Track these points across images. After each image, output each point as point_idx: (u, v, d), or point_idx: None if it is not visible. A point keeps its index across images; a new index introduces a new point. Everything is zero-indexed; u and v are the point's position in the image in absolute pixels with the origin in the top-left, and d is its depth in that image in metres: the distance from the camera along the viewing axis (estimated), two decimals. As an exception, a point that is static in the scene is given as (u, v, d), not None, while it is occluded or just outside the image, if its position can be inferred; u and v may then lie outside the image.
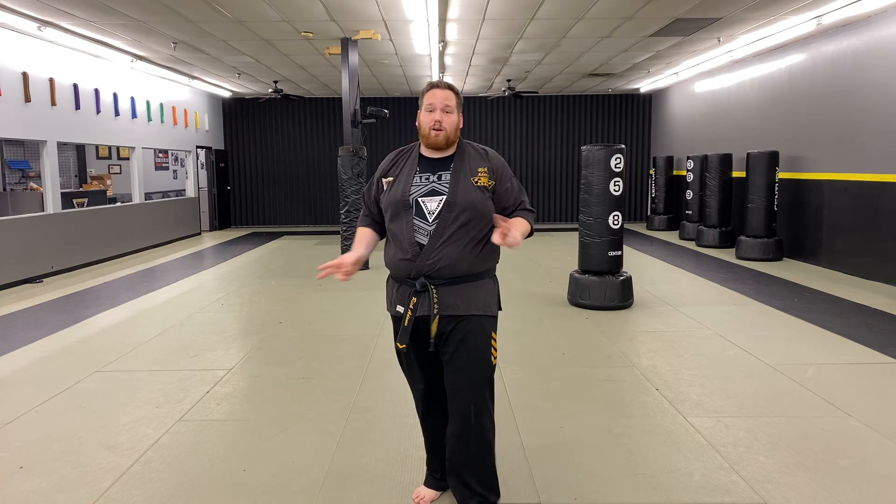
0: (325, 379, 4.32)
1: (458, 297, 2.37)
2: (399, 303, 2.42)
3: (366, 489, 2.83)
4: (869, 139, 7.74)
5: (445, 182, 2.40)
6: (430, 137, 2.40)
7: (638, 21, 8.13)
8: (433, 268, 2.34)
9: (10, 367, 4.68)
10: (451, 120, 2.41)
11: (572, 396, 3.96)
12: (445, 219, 2.35)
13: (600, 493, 2.78)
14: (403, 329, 2.39)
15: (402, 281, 2.43)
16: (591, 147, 6.26)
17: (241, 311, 6.48)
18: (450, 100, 2.41)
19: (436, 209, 2.36)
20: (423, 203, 2.38)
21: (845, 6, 7.22)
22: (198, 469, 3.04)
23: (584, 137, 15.59)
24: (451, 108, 2.41)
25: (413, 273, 2.37)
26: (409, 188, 2.40)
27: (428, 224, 2.36)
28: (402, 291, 2.42)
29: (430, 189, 2.40)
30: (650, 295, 6.87)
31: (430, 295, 2.35)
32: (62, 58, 8.93)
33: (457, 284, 2.37)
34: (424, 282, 2.36)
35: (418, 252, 2.35)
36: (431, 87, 2.44)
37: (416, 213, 2.38)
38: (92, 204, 10.67)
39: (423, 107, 2.43)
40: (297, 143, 15.55)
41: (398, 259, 2.40)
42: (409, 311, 2.38)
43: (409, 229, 2.37)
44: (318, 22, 8.00)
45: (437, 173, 2.42)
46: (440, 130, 2.39)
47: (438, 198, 2.37)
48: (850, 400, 3.81)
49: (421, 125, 2.43)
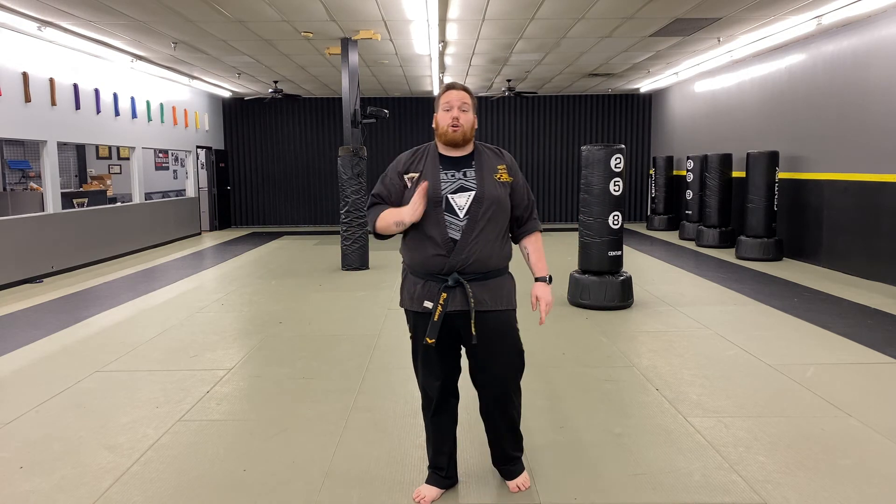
0: (325, 379, 4.32)
1: (486, 293, 2.48)
2: (427, 298, 2.48)
3: (366, 489, 2.83)
4: (869, 139, 7.74)
5: (472, 178, 2.50)
6: (449, 134, 2.49)
7: (638, 21, 8.13)
8: (466, 262, 2.44)
9: (10, 367, 4.68)
10: (467, 118, 2.51)
11: (572, 396, 3.96)
12: (475, 214, 2.45)
13: (600, 493, 2.78)
14: (433, 324, 2.45)
15: (428, 277, 2.49)
16: (591, 147, 6.26)
17: (241, 311, 6.48)
18: (466, 99, 2.52)
19: (465, 205, 2.46)
20: (452, 199, 2.47)
21: (845, 6, 7.22)
22: (198, 469, 3.04)
23: (584, 137, 15.59)
24: (468, 108, 2.51)
25: (446, 269, 2.45)
26: (438, 184, 2.48)
27: (459, 220, 2.45)
28: (428, 287, 2.49)
29: (458, 185, 2.49)
30: (650, 295, 6.87)
31: (465, 290, 2.44)
32: (62, 58, 8.93)
33: (485, 280, 2.49)
34: (458, 277, 2.44)
35: (452, 247, 2.44)
36: (448, 88, 2.55)
37: (447, 210, 2.46)
38: (92, 204, 10.67)
39: (439, 107, 2.53)
40: (297, 143, 15.55)
41: (430, 255, 2.46)
42: (438, 306, 2.44)
43: (443, 225, 2.44)
44: (318, 22, 8.00)
45: (461, 170, 2.52)
46: (458, 127, 2.49)
47: (467, 194, 2.47)
48: (850, 400, 3.81)
49: (438, 124, 2.53)
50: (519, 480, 2.77)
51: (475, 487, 2.82)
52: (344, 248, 8.85)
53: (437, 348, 2.52)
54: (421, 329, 2.53)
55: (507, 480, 2.79)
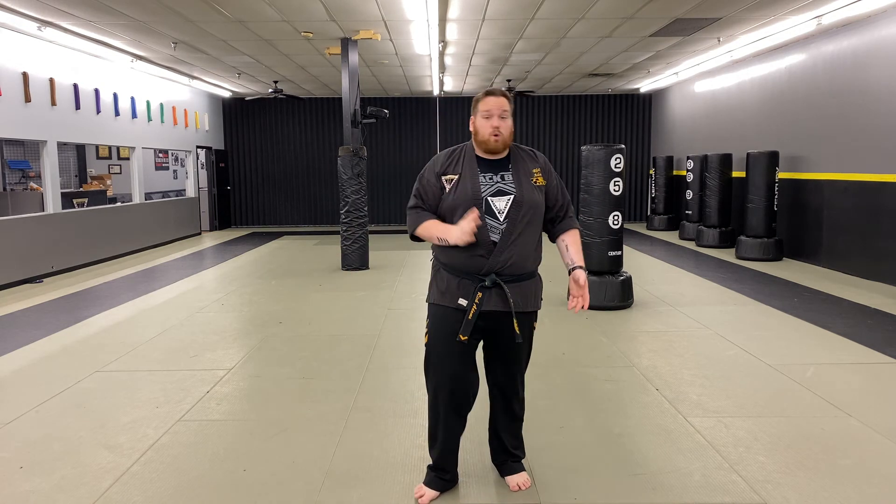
0: (325, 379, 4.32)
1: (520, 294, 2.55)
2: (462, 296, 2.52)
3: (366, 489, 2.83)
4: (869, 139, 7.74)
5: (510, 182, 2.55)
6: (491, 143, 2.53)
7: (638, 21, 8.13)
8: (505, 264, 2.49)
9: (10, 367, 4.68)
10: (507, 125, 2.55)
11: (572, 396, 3.96)
12: (514, 217, 2.50)
13: (600, 493, 2.78)
14: (467, 322, 2.50)
15: (464, 276, 2.53)
16: (591, 147, 6.26)
17: (241, 311, 6.48)
18: (505, 106, 2.55)
19: (504, 208, 2.51)
20: (492, 202, 2.51)
21: (845, 6, 7.22)
22: (198, 469, 3.04)
23: (584, 137, 15.58)
24: (507, 114, 2.55)
25: (485, 269, 2.49)
26: (478, 187, 2.52)
27: (499, 223, 2.50)
28: (464, 285, 2.53)
29: (496, 189, 2.53)
30: (650, 295, 6.87)
31: (503, 291, 2.49)
32: (62, 58, 8.93)
33: (520, 282, 2.55)
34: (496, 279, 2.49)
35: (492, 249, 2.49)
36: (487, 94, 2.57)
37: (486, 212, 2.49)
38: (92, 204, 10.67)
39: (478, 113, 2.56)
40: (297, 143, 15.55)
41: (470, 255, 2.49)
42: (474, 304, 2.50)
43: (483, 228, 2.47)
44: (318, 22, 8.00)
45: (498, 174, 2.56)
46: (499, 136, 2.53)
47: (506, 197, 2.52)
48: (850, 400, 3.81)
49: (478, 131, 2.56)
50: (519, 479, 2.79)
51: (475, 488, 2.82)
52: (344, 248, 8.85)
53: (460, 348, 2.56)
54: (447, 325, 2.56)
55: (507, 476, 2.80)
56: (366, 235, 8.92)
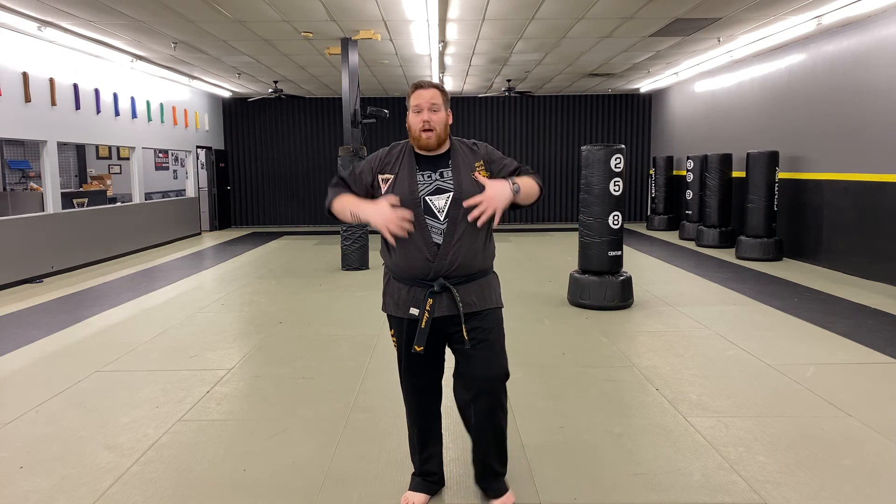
0: (325, 379, 4.32)
1: (474, 294, 2.43)
2: (413, 305, 2.42)
3: (366, 489, 2.83)
4: (869, 139, 7.74)
5: (449, 179, 2.41)
6: (422, 140, 2.42)
7: (638, 21, 8.13)
8: (451, 266, 2.37)
9: (10, 367, 4.68)
10: (439, 118, 2.42)
11: (572, 396, 3.96)
12: (455, 216, 2.37)
13: (600, 493, 2.78)
14: (421, 331, 2.38)
15: (413, 282, 2.42)
16: (591, 147, 6.26)
17: (241, 311, 6.48)
18: (436, 98, 2.42)
19: (444, 206, 2.38)
20: (431, 201, 2.39)
21: (845, 6, 7.22)
22: (198, 469, 3.04)
23: (584, 137, 15.58)
24: (439, 106, 2.42)
25: (431, 274, 2.38)
26: (415, 186, 2.39)
27: (440, 222, 2.38)
28: (413, 293, 2.42)
29: (435, 187, 2.41)
30: (650, 295, 6.87)
31: (453, 295, 2.38)
32: (62, 58, 8.93)
33: (471, 282, 2.43)
34: (444, 282, 2.38)
35: (436, 252, 2.37)
36: (416, 87, 2.47)
37: (426, 212, 2.38)
38: (92, 204, 10.67)
39: (410, 108, 2.46)
40: (297, 143, 15.55)
41: (414, 260, 2.38)
42: (425, 312, 2.38)
43: (425, 229, 2.36)
44: (318, 22, 8.00)
45: (437, 170, 2.44)
46: (430, 131, 2.41)
47: (445, 195, 2.39)
48: (850, 400, 3.81)
49: (411, 127, 2.45)
50: (504, 500, 2.62)
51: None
52: (344, 248, 8.85)
53: (424, 354, 2.46)
54: (406, 336, 2.47)
55: (493, 500, 2.63)
56: (366, 235, 8.92)
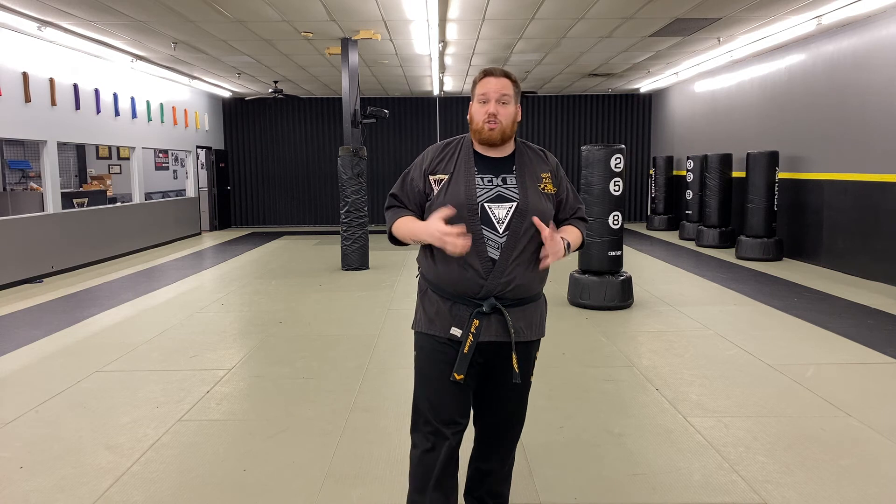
0: (325, 379, 4.32)
1: (523, 321, 2.12)
2: (455, 324, 2.07)
3: (366, 489, 2.83)
4: (869, 139, 7.74)
5: (512, 186, 2.09)
6: (485, 132, 2.07)
7: (638, 21, 8.13)
8: (506, 287, 2.05)
9: (10, 367, 4.68)
10: (507, 112, 2.08)
11: (572, 396, 3.96)
12: (517, 230, 2.04)
13: (600, 493, 2.78)
14: (463, 356, 2.05)
15: (457, 299, 2.08)
16: (591, 147, 6.26)
17: (241, 311, 6.48)
18: (506, 89, 2.08)
19: (505, 218, 2.04)
20: (490, 210, 2.05)
21: (845, 6, 7.22)
22: (198, 469, 3.04)
23: (584, 137, 15.59)
24: (509, 99, 2.08)
25: (482, 292, 2.05)
26: (473, 190, 2.06)
27: (498, 235, 2.04)
28: (457, 311, 2.08)
29: (496, 193, 2.07)
30: (650, 295, 6.87)
31: (504, 318, 2.06)
32: (62, 58, 8.93)
33: (522, 306, 2.12)
34: (495, 303, 2.05)
35: (491, 268, 2.03)
36: (485, 74, 2.11)
37: (483, 222, 2.04)
38: (92, 204, 10.66)
39: (475, 98, 2.11)
40: (297, 143, 15.55)
41: (463, 275, 2.04)
42: (470, 335, 2.04)
43: (480, 241, 2.03)
44: (318, 22, 8.00)
45: (499, 175, 2.11)
46: (495, 124, 2.07)
47: (507, 205, 2.05)
48: (850, 400, 3.81)
49: (473, 118, 2.11)
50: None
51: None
52: (344, 248, 8.85)
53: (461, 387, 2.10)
54: (440, 360, 2.10)
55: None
56: (366, 235, 8.92)
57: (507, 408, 2.22)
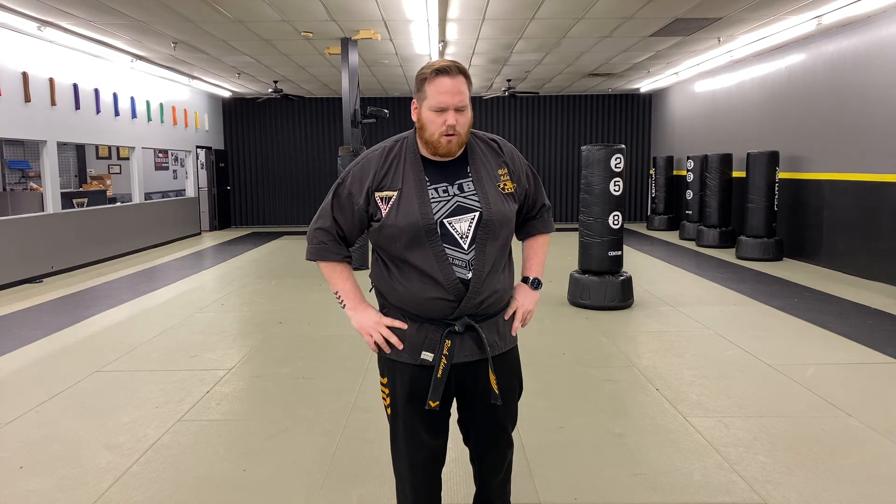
0: (325, 379, 4.32)
1: (496, 333, 1.96)
2: (427, 349, 1.89)
3: (366, 489, 2.83)
4: (869, 139, 7.74)
5: (471, 193, 1.87)
6: (442, 146, 1.83)
7: (638, 21, 8.13)
8: (481, 306, 1.88)
9: (10, 367, 4.68)
10: (465, 119, 1.84)
11: (572, 396, 3.96)
12: (483, 242, 1.85)
13: (600, 493, 2.78)
14: (437, 381, 1.87)
15: (425, 320, 1.90)
16: (591, 147, 6.26)
17: (241, 311, 6.48)
18: (463, 91, 1.82)
19: (468, 231, 1.84)
20: (450, 225, 1.84)
21: (845, 6, 7.22)
22: (198, 469, 3.04)
23: (584, 137, 15.59)
24: (465, 105, 1.83)
25: (455, 314, 1.87)
26: (428, 207, 1.83)
27: (464, 252, 1.84)
28: (426, 332, 1.89)
29: (454, 205, 1.85)
30: (650, 295, 6.87)
31: (479, 336, 1.89)
32: (62, 58, 8.93)
33: (494, 317, 1.95)
34: (469, 321, 1.87)
35: (463, 291, 1.84)
36: (438, 73, 1.81)
37: (445, 240, 1.83)
38: (92, 204, 10.67)
39: (426, 100, 1.83)
40: (297, 143, 15.55)
41: (430, 298, 1.85)
42: (442, 357, 1.87)
43: (445, 263, 1.83)
44: (318, 22, 8.00)
45: (454, 183, 1.88)
46: (453, 136, 1.83)
47: (469, 216, 1.85)
48: (850, 400, 3.81)
49: (425, 127, 1.84)
50: None
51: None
52: (344, 248, 8.83)
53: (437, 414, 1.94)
54: (410, 388, 1.92)
55: None
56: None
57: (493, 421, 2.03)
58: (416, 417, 1.95)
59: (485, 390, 1.94)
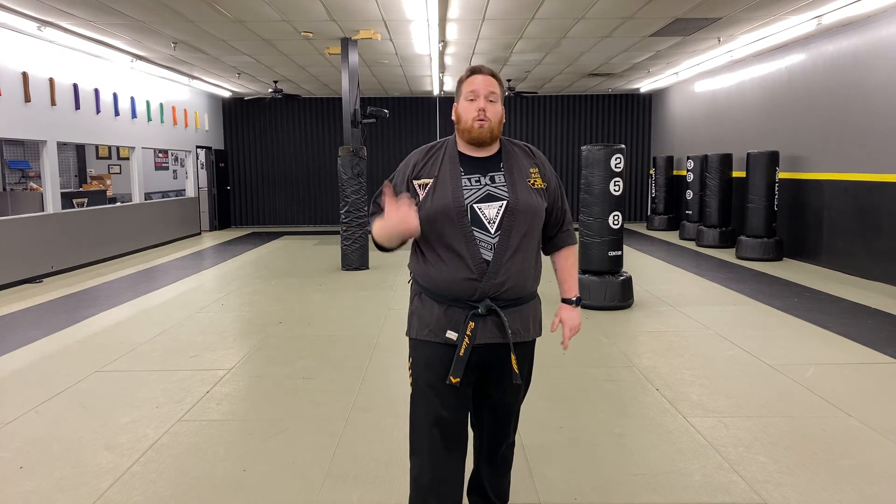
0: (325, 379, 4.32)
1: (519, 322, 2.12)
2: (451, 328, 2.06)
3: (366, 489, 2.83)
4: (869, 139, 7.74)
5: (501, 184, 2.07)
6: (475, 130, 2.06)
7: (638, 21, 8.13)
8: (500, 288, 2.05)
9: (10, 367, 4.68)
10: (496, 110, 2.07)
11: (572, 396, 3.96)
12: (508, 228, 2.04)
13: (600, 493, 2.78)
14: (459, 359, 2.04)
15: (452, 302, 2.07)
16: (591, 147, 6.26)
17: (241, 311, 6.48)
18: (494, 87, 2.08)
19: (496, 217, 2.04)
20: (479, 210, 2.04)
21: (845, 6, 7.22)
22: (198, 469, 3.04)
23: (584, 137, 15.59)
24: (496, 97, 2.08)
25: (477, 294, 2.04)
26: (460, 192, 2.04)
27: (490, 235, 2.03)
28: (452, 314, 2.07)
29: (485, 193, 2.05)
30: (650, 295, 6.87)
31: (500, 320, 2.05)
32: (62, 58, 8.93)
33: (518, 306, 2.12)
34: (491, 305, 2.04)
35: (485, 270, 2.03)
36: (472, 72, 2.10)
37: (473, 223, 2.03)
38: (92, 204, 10.67)
39: (462, 95, 2.10)
40: (297, 143, 15.55)
41: (459, 278, 2.03)
42: (465, 337, 2.04)
43: (472, 243, 2.02)
44: (318, 22, 8.00)
45: (487, 174, 2.09)
46: (484, 121, 2.05)
47: (497, 203, 2.05)
48: (850, 400, 3.81)
49: (460, 117, 2.09)
50: None
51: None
52: (344, 248, 8.85)
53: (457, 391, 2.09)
54: (434, 365, 2.10)
55: None
56: (366, 235, 8.92)
57: (505, 409, 2.23)
58: (436, 393, 2.09)
59: (503, 374, 2.12)
